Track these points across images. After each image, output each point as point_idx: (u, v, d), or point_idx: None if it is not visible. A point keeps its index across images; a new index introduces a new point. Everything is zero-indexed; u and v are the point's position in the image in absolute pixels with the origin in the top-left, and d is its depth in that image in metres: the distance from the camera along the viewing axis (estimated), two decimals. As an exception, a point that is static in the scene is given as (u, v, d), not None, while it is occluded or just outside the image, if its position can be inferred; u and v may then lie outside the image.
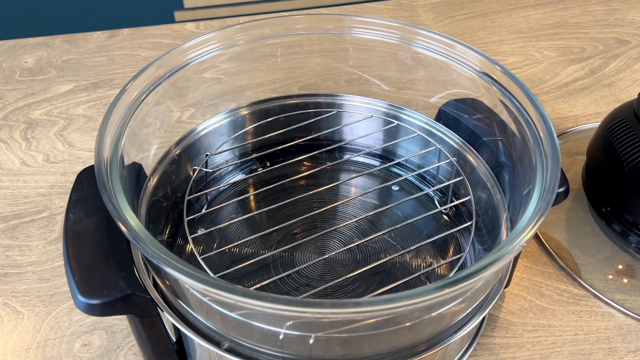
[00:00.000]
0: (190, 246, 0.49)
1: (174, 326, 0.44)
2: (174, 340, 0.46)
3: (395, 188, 0.61)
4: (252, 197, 0.60)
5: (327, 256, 0.52)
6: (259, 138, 0.60)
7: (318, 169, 0.59)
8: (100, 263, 0.42)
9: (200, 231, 0.55)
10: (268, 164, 0.62)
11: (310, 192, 0.54)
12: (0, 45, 0.91)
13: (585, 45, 0.93)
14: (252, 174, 0.61)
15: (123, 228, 0.37)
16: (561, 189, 0.49)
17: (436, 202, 0.59)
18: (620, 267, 0.60)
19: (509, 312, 0.56)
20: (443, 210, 0.58)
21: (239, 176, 0.61)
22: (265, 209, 0.55)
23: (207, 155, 0.56)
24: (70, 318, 0.55)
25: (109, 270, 0.41)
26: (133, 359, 0.52)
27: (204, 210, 0.56)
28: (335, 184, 0.59)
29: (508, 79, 0.50)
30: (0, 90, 0.82)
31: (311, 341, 0.39)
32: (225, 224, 0.54)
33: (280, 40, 0.65)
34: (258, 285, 0.47)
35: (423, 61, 0.58)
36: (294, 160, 0.59)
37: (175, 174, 0.56)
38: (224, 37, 0.60)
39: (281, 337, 0.38)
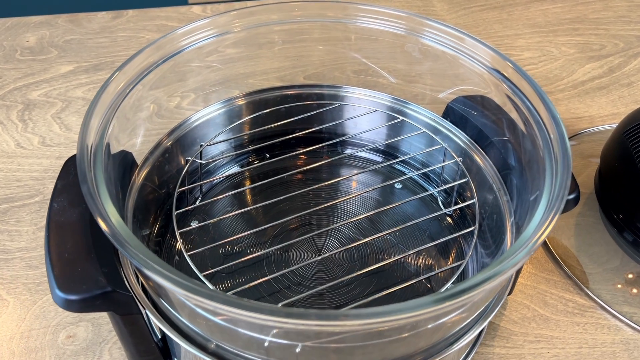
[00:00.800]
0: (181, 241, 0.47)
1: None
2: (158, 337, 0.45)
3: (398, 186, 0.59)
4: (247, 191, 0.57)
5: (323, 256, 0.49)
6: (257, 129, 0.58)
7: (318, 163, 0.56)
8: (82, 256, 0.40)
9: (194, 223, 0.53)
10: (265, 157, 0.60)
11: (308, 188, 0.52)
12: (3, 23, 0.89)
13: (605, 42, 0.89)
14: (249, 167, 0.59)
15: (102, 224, 0.35)
16: (571, 196, 0.46)
17: (440, 203, 0.57)
18: (630, 277, 0.58)
19: (510, 320, 0.53)
20: (447, 212, 0.55)
21: (235, 169, 0.59)
22: (261, 204, 0.53)
23: (201, 145, 0.54)
24: (56, 308, 0.53)
25: (89, 265, 0.39)
26: (118, 353, 0.50)
27: (197, 203, 0.54)
28: (335, 180, 0.57)
29: (520, 76, 0.47)
30: (-1, 69, 0.80)
31: (298, 350, 0.37)
32: (216, 219, 0.52)
33: (287, 27, 0.63)
34: (248, 285, 0.45)
35: (431, 54, 0.55)
36: (292, 153, 0.57)
37: (168, 164, 0.54)
38: (228, 22, 0.57)
39: (266, 344, 0.36)
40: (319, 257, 0.49)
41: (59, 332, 0.52)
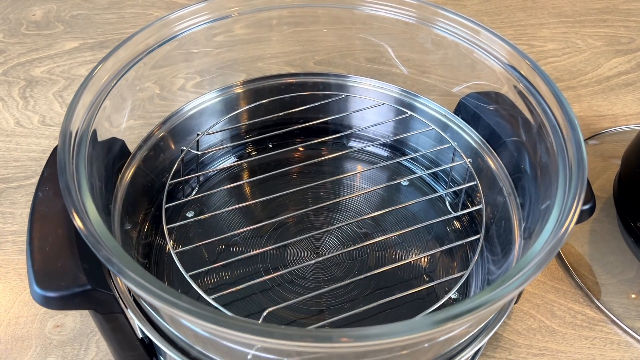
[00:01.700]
0: (169, 238, 0.45)
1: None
2: (142, 336, 0.43)
3: (404, 183, 0.56)
4: (245, 185, 0.55)
5: (322, 258, 0.47)
6: (258, 119, 0.55)
7: (321, 158, 0.54)
8: (63, 251, 0.38)
9: (190, 214, 0.51)
10: (266, 149, 0.57)
11: (310, 184, 0.50)
12: (10, -5, 0.87)
13: (635, 35, 0.84)
14: (247, 159, 0.56)
15: (76, 221, 0.33)
16: (586, 207, 0.43)
17: (447, 203, 0.54)
18: (645, 290, 0.55)
19: (514, 331, 0.51)
20: (453, 216, 0.52)
21: (232, 160, 0.56)
22: (259, 200, 0.50)
23: (198, 134, 0.52)
24: (46, 295, 0.52)
25: (70, 260, 0.38)
26: (105, 345, 0.49)
27: (189, 197, 0.52)
28: (338, 177, 0.54)
29: (537, 76, 0.43)
30: (4, 44, 0.78)
31: (282, 362, 0.35)
32: (208, 214, 0.49)
33: (300, 11, 0.60)
34: (237, 288, 0.43)
35: (445, 46, 0.52)
36: (295, 146, 0.54)
37: (163, 152, 0.51)
38: (240, 2, 0.55)
39: (249, 357, 0.34)
40: (318, 259, 0.46)
41: (47, 320, 0.50)
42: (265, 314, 0.38)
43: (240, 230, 0.48)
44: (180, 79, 0.63)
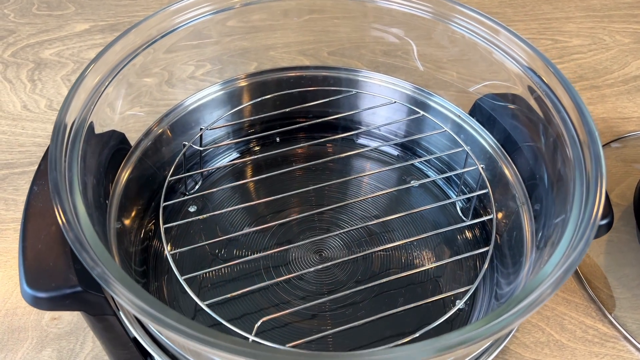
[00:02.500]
0: (165, 238, 0.43)
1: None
2: (134, 336, 0.42)
3: (414, 184, 0.54)
4: (249, 183, 0.53)
5: (323, 265, 0.45)
6: (264, 114, 0.53)
7: (329, 158, 0.52)
8: (55, 249, 0.37)
9: (193, 208, 0.50)
10: (270, 145, 0.55)
11: (317, 186, 0.48)
12: (23, -27, 0.86)
13: (666, 32, 0.80)
14: (252, 157, 0.54)
15: (63, 225, 0.32)
16: (604, 222, 0.41)
17: (458, 209, 0.52)
18: (662, 305, 0.52)
19: (521, 344, 0.49)
20: (463, 225, 0.50)
21: (236, 157, 0.54)
22: (263, 200, 0.48)
23: (201, 129, 0.50)
24: (44, 286, 0.51)
25: (61, 260, 0.37)
26: (102, 341, 0.48)
27: (189, 195, 0.50)
28: (346, 178, 0.51)
29: (558, 81, 0.41)
30: (14, 24, 0.77)
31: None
32: (207, 215, 0.47)
33: (314, 2, 0.58)
34: (231, 295, 0.41)
35: (462, 44, 0.49)
36: (302, 144, 0.52)
37: (166, 146, 0.50)
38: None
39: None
40: (318, 267, 0.45)
41: (44, 313, 0.50)
42: (259, 323, 0.37)
43: (241, 232, 0.46)
44: (190, 66, 0.62)
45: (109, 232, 0.40)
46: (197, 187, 0.52)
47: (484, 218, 0.47)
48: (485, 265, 0.43)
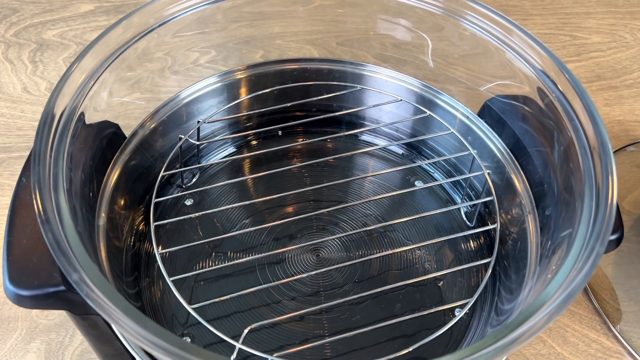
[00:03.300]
0: (155, 237, 0.42)
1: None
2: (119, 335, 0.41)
3: (417, 183, 0.52)
4: (247, 181, 0.51)
5: (322, 270, 0.43)
6: (265, 108, 0.51)
7: (332, 157, 0.50)
8: (40, 245, 0.36)
9: (189, 202, 0.48)
10: (270, 141, 0.53)
11: (318, 186, 0.46)
12: (30, -50, 0.84)
13: (691, 31, 0.77)
14: (250, 153, 0.52)
15: (39, 217, 0.30)
16: (613, 237, 0.39)
17: (462, 213, 0.50)
18: (670, 321, 0.50)
19: (521, 355, 0.48)
20: (467, 228, 0.48)
21: (231, 150, 0.52)
22: (261, 199, 0.46)
23: (198, 122, 0.48)
24: (36, 275, 0.51)
25: (46, 257, 0.35)
26: (92, 334, 0.48)
27: (181, 193, 0.48)
28: (348, 179, 0.50)
29: (572, 89, 0.39)
30: (18, 2, 0.76)
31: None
32: (199, 213, 0.46)
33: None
34: (224, 297, 0.40)
35: (474, 42, 0.47)
36: (302, 141, 0.51)
37: (162, 138, 0.48)
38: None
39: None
40: (314, 272, 0.43)
41: (35, 303, 0.49)
42: (246, 331, 0.36)
43: (236, 233, 0.44)
44: (194, 52, 0.60)
45: (97, 229, 0.39)
46: (194, 179, 0.50)
47: (488, 227, 0.45)
48: (487, 277, 0.41)
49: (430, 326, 0.42)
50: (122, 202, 0.44)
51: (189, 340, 0.41)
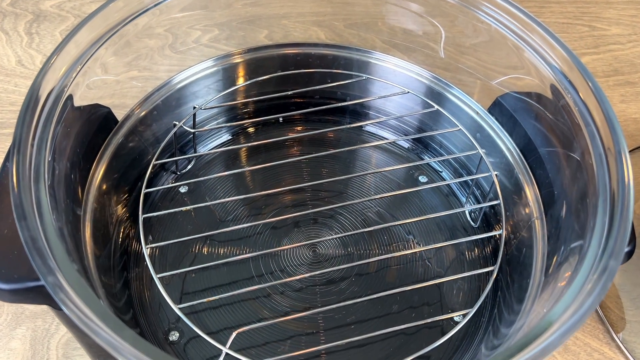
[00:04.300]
0: (143, 230, 0.39)
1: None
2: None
3: (422, 179, 0.50)
4: (242, 173, 0.49)
5: (319, 272, 0.42)
6: (264, 96, 0.49)
7: (334, 151, 0.48)
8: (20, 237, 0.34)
9: (184, 189, 0.47)
10: (269, 129, 0.51)
11: (318, 182, 0.44)
12: None
13: None
14: (248, 144, 0.50)
15: (16, 212, 0.28)
16: (625, 249, 0.37)
17: (467, 214, 0.48)
18: (676, 332, 0.49)
19: (520, 363, 0.46)
20: (470, 239, 0.46)
21: (226, 137, 0.50)
22: (259, 194, 0.44)
23: (194, 108, 0.46)
24: (24, 259, 0.49)
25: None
26: (79, 322, 0.46)
27: (171, 184, 0.46)
28: (352, 175, 0.48)
29: (591, 92, 0.36)
30: (15, -31, 0.73)
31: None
32: (191, 207, 0.44)
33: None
34: (208, 300, 0.38)
35: (488, 35, 0.44)
36: (303, 132, 0.48)
37: (155, 123, 0.46)
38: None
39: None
40: (309, 275, 0.41)
41: (22, 287, 0.48)
42: (234, 335, 0.34)
43: (230, 229, 0.42)
44: (196, 30, 0.58)
45: (82, 221, 0.37)
46: (189, 166, 0.48)
47: (493, 233, 0.43)
48: (489, 286, 0.39)
49: (432, 333, 0.41)
50: (111, 192, 0.42)
51: (177, 335, 0.40)
